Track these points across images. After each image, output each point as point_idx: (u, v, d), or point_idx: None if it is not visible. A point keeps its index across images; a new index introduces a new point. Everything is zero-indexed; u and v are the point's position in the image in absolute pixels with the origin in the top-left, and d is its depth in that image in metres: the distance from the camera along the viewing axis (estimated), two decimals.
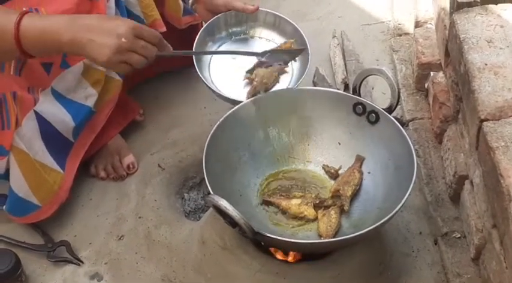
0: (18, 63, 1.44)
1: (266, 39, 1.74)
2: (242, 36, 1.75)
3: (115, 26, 1.31)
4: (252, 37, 1.75)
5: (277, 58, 1.63)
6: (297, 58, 1.68)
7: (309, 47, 1.65)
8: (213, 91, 1.61)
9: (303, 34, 1.67)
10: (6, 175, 1.53)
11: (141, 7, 1.63)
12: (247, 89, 1.59)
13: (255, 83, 1.59)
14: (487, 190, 1.33)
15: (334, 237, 1.38)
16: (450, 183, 1.58)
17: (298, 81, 1.62)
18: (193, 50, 1.64)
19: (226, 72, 1.66)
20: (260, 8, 1.71)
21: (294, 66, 1.68)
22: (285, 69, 1.66)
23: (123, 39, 1.29)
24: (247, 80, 1.62)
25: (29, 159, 1.51)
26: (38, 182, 1.54)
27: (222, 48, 1.72)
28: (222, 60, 1.68)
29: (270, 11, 1.74)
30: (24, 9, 1.42)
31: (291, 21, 1.71)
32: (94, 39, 1.29)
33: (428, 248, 1.55)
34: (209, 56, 1.69)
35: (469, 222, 1.47)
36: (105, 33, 1.30)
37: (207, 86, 1.61)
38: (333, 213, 1.43)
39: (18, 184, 1.52)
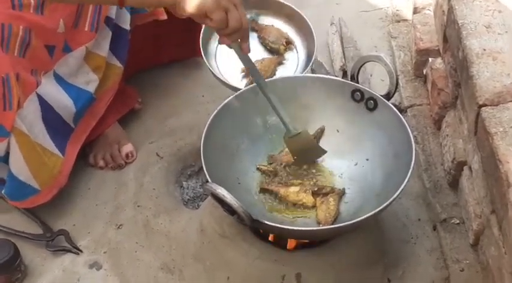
0: (22, 45, 1.44)
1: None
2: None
3: None
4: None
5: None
6: (301, 45, 1.71)
7: (315, 36, 1.67)
8: (220, 80, 1.63)
9: (309, 22, 1.69)
10: (5, 159, 1.51)
11: None
12: (245, 81, 1.62)
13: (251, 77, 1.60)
14: (485, 176, 1.33)
15: (332, 224, 1.38)
16: (449, 169, 1.58)
17: (303, 72, 1.64)
18: (201, 37, 1.65)
19: (231, 62, 1.66)
20: None
21: (299, 56, 1.71)
22: (283, 61, 1.68)
23: None
24: (243, 73, 1.64)
25: (29, 142, 1.50)
26: (38, 165, 1.54)
27: None
28: (228, 50, 1.69)
29: None
30: None
31: (296, 9, 1.72)
32: None
33: (427, 234, 1.55)
34: (215, 46, 1.70)
35: (467, 208, 1.47)
36: None
37: (214, 74, 1.63)
38: (331, 200, 1.43)
39: (19, 167, 1.51)
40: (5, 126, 1.45)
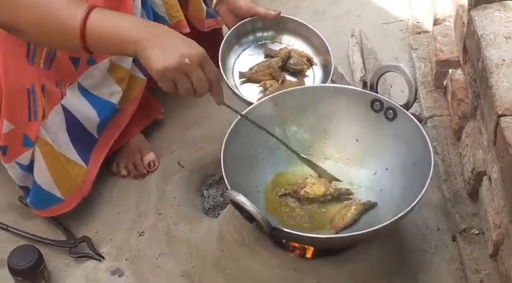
0: (48, 57, 1.47)
1: (288, 45, 1.76)
2: (263, 41, 1.77)
3: (186, 45, 1.28)
4: (273, 43, 1.77)
5: None
6: (318, 64, 1.73)
7: (331, 54, 1.68)
8: (237, 95, 1.64)
9: (325, 40, 1.70)
10: (30, 168, 1.54)
11: (165, 8, 1.66)
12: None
13: (267, 92, 1.62)
14: (505, 185, 1.33)
15: (341, 230, 1.39)
16: (468, 180, 1.58)
17: None
18: (220, 52, 1.66)
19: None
20: (285, 15, 1.73)
21: (315, 74, 1.71)
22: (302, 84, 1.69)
23: (186, 60, 1.26)
24: (261, 88, 1.66)
25: (53, 152, 1.54)
26: (61, 175, 1.57)
27: (246, 52, 1.75)
28: (245, 66, 1.73)
29: (294, 18, 1.77)
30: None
31: (313, 28, 1.73)
32: (160, 49, 1.26)
33: (446, 245, 1.55)
34: (233, 61, 1.72)
35: (487, 218, 1.46)
36: (173, 47, 1.27)
37: (231, 89, 1.64)
38: (353, 208, 1.43)
39: (42, 176, 1.54)
40: (30, 136, 1.49)
